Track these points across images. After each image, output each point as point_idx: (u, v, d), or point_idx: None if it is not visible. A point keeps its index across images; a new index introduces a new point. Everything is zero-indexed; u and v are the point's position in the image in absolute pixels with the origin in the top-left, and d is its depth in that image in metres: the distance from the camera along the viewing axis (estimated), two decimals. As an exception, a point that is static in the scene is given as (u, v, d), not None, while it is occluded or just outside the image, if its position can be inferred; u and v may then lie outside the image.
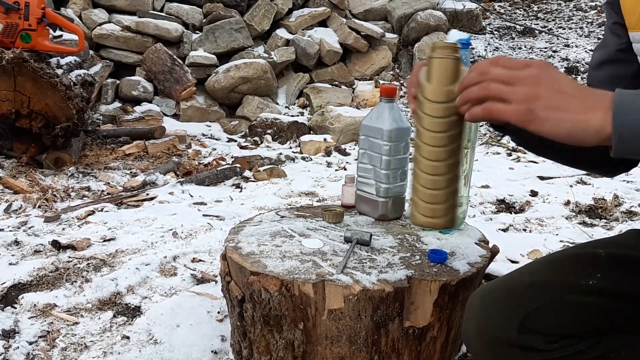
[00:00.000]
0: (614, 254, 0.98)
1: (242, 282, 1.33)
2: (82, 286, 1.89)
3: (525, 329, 0.90)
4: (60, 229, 2.46)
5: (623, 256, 0.98)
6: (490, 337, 0.93)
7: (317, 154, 4.40)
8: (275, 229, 1.53)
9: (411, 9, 6.40)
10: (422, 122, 0.93)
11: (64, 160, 3.48)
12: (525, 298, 0.92)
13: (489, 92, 0.79)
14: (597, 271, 0.94)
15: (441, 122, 0.91)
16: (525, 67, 0.78)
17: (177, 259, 2.12)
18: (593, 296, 0.92)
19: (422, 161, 0.94)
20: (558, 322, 0.91)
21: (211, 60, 5.38)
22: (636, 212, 2.75)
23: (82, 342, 1.58)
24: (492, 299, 0.95)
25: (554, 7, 7.60)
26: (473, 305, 0.98)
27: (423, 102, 0.93)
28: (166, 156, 4.00)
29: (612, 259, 0.97)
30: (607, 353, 0.92)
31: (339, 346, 1.27)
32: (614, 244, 1.03)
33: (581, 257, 0.99)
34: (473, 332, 0.96)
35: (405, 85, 5.90)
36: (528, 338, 0.90)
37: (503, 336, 0.91)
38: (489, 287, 0.99)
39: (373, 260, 1.33)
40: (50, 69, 3.37)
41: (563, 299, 0.92)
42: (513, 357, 0.92)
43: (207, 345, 1.56)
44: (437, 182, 0.92)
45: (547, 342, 0.90)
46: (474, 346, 0.97)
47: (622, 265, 0.96)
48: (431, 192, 0.92)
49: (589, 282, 0.93)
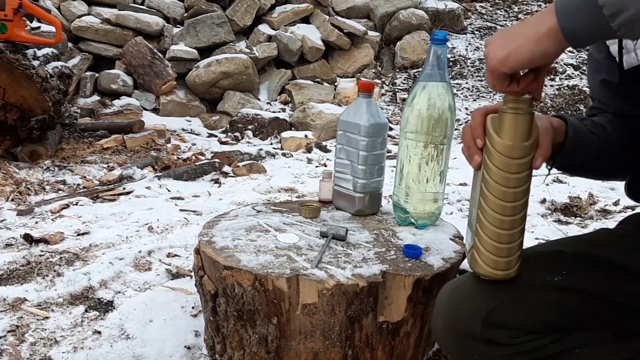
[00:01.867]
0: (579, 252, 1.00)
1: (215, 276, 1.32)
2: (53, 280, 1.86)
3: (489, 323, 0.92)
4: (33, 222, 2.42)
5: (588, 254, 0.99)
6: (456, 331, 0.95)
7: (298, 150, 4.39)
8: (250, 224, 1.52)
9: (393, 7, 6.41)
10: (492, 175, 0.89)
11: (40, 153, 3.42)
12: (491, 294, 0.94)
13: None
14: (563, 269, 0.96)
15: (514, 177, 0.89)
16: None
17: (152, 254, 2.10)
18: (558, 293, 0.94)
19: (489, 213, 0.90)
20: (522, 318, 0.93)
21: (192, 55, 5.33)
22: (610, 211, 2.79)
23: (52, 336, 1.55)
24: (459, 294, 0.97)
25: (534, 8, 7.67)
26: (441, 300, 1.00)
27: (493, 155, 0.89)
28: (145, 151, 3.96)
29: (578, 257, 0.99)
30: (571, 349, 0.94)
31: (313, 341, 1.26)
32: (581, 243, 1.05)
33: (547, 254, 1.01)
34: (440, 326, 0.98)
35: (385, 84, 5.91)
36: (492, 332, 0.92)
37: (468, 330, 0.93)
38: (456, 283, 1.01)
39: (348, 255, 1.33)
40: (26, 60, 3.31)
41: (528, 295, 0.94)
42: (478, 350, 0.94)
43: (180, 340, 1.54)
44: (502, 236, 0.89)
45: (511, 337, 0.92)
46: (441, 339, 0.99)
47: (587, 263, 0.98)
48: (495, 244, 0.89)
49: (554, 279, 0.95)
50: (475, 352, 0.94)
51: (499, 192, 0.89)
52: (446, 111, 1.40)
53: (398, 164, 1.49)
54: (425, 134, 1.41)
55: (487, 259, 0.90)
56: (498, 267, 0.90)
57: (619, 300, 0.95)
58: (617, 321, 0.96)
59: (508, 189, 0.89)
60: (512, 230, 0.89)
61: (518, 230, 0.90)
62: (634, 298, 0.95)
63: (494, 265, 0.90)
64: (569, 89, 5.71)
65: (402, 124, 1.46)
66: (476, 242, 0.92)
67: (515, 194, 0.89)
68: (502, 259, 0.90)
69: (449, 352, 1.00)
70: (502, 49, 0.81)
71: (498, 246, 0.89)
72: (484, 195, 0.91)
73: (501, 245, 0.89)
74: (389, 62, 6.28)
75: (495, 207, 0.90)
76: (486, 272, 0.91)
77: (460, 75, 6.04)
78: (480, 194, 0.91)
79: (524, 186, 0.90)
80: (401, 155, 1.48)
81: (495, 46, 0.82)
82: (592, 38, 0.75)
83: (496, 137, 0.89)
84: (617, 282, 0.95)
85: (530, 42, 0.78)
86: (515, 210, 0.90)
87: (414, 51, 6.15)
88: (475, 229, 0.92)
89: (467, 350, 0.95)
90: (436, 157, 1.43)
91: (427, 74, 1.40)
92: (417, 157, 1.44)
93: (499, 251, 0.89)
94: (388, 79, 6.04)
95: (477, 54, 6.40)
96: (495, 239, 0.89)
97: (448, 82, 1.42)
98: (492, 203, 0.90)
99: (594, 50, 1.13)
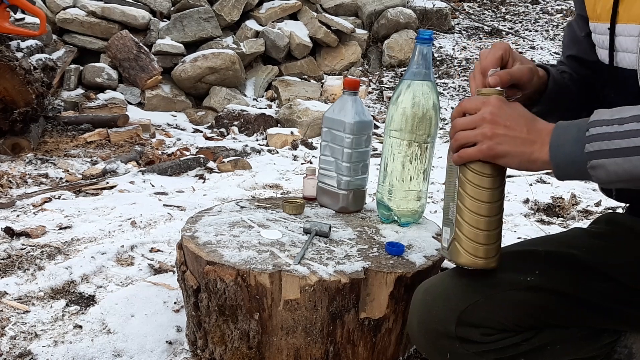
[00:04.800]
0: (552, 252, 1.02)
1: (197, 271, 1.31)
2: (34, 274, 1.84)
3: (463, 322, 0.94)
4: (15, 215, 2.39)
5: (561, 254, 1.02)
6: (430, 330, 0.97)
7: (284, 147, 4.38)
8: (234, 219, 1.52)
9: (382, 5, 6.42)
10: (465, 188, 0.92)
11: (22, 146, 3.38)
12: (464, 293, 0.96)
13: (459, 141, 0.91)
14: (535, 268, 0.98)
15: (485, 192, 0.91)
16: (483, 106, 0.88)
17: (135, 249, 2.09)
18: (530, 292, 0.96)
19: (467, 201, 0.92)
20: (495, 317, 0.94)
21: (178, 49, 5.29)
22: (592, 212, 2.82)
23: (33, 330, 1.54)
24: (433, 293, 0.99)
25: (522, 9, 7.72)
26: (416, 299, 1.02)
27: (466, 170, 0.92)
28: (129, 145, 3.92)
29: (551, 257, 1.01)
30: (542, 346, 0.97)
31: (295, 337, 1.26)
32: (555, 242, 1.07)
33: (521, 254, 1.03)
34: (415, 325, 1.00)
35: (373, 82, 5.92)
36: (465, 331, 0.94)
37: (442, 330, 0.95)
38: (431, 282, 1.03)
39: (331, 252, 1.33)
40: (9, 52, 3.27)
41: (501, 295, 0.95)
42: (452, 348, 0.95)
43: (162, 335, 1.53)
44: (481, 222, 0.92)
45: (484, 335, 0.94)
46: (416, 338, 1.01)
47: (559, 263, 1.00)
48: (475, 231, 0.91)
49: (526, 279, 0.96)
50: (448, 351, 0.96)
51: (474, 192, 0.92)
52: (430, 110, 1.41)
53: (382, 162, 1.50)
54: (409, 132, 1.42)
55: (468, 247, 0.92)
56: (479, 255, 0.91)
57: (589, 299, 0.97)
58: (587, 319, 0.99)
59: (482, 203, 0.91)
60: (491, 218, 0.91)
61: (496, 219, 0.92)
62: (603, 297, 0.98)
63: (475, 253, 0.92)
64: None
65: (387, 122, 1.46)
66: (457, 232, 0.93)
67: (492, 193, 0.91)
68: (483, 246, 0.91)
69: (424, 350, 1.01)
70: (503, 145, 0.86)
71: (478, 233, 0.91)
72: (462, 186, 0.93)
73: (481, 232, 0.91)
74: (376, 60, 6.29)
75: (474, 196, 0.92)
76: (468, 260, 0.92)
77: (447, 75, 6.07)
78: (459, 185, 0.93)
79: (501, 187, 0.92)
80: (385, 153, 1.48)
81: (501, 137, 0.87)
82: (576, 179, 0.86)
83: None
84: (587, 281, 0.98)
85: (524, 161, 0.86)
86: (493, 197, 0.92)
87: (401, 50, 6.16)
88: (455, 219, 0.94)
89: (441, 348, 0.96)
90: (420, 155, 1.44)
91: (412, 73, 1.41)
92: (401, 155, 1.44)
93: (478, 237, 0.91)
94: (375, 77, 6.05)
95: (464, 54, 6.44)
96: (475, 225, 0.91)
97: (433, 81, 1.42)
98: (470, 192, 0.92)
99: (577, 26, 1.17)
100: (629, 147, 0.77)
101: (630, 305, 0.98)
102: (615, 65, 1.01)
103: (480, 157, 0.88)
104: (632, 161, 0.77)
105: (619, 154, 0.78)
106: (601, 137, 0.80)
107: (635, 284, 0.98)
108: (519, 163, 0.86)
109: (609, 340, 1.02)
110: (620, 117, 0.80)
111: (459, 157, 0.91)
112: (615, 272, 0.99)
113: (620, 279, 0.98)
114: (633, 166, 0.77)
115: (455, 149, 0.92)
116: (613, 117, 0.80)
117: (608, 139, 0.79)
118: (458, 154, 0.91)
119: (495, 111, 0.87)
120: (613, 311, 0.99)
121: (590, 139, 0.80)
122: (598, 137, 0.80)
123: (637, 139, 0.77)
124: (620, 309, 0.98)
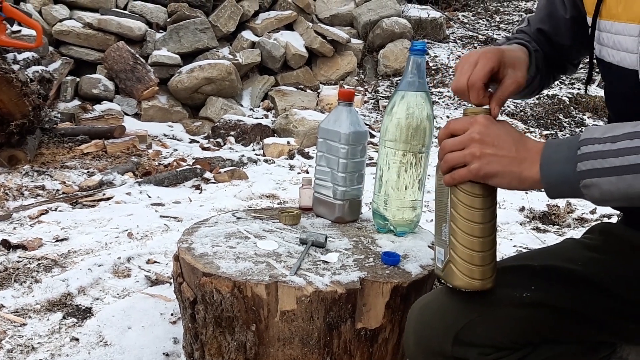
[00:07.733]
0: (548, 267, 1.01)
1: (194, 283, 1.32)
2: (31, 287, 1.84)
3: (459, 341, 0.93)
4: (11, 228, 2.39)
5: (557, 269, 1.01)
6: (427, 348, 0.96)
7: (280, 156, 4.39)
8: (230, 230, 1.52)
9: (377, 15, 6.46)
10: (457, 210, 0.92)
11: (19, 158, 3.38)
12: (460, 311, 0.95)
13: (449, 163, 0.90)
14: (531, 284, 0.97)
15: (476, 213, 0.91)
16: (470, 126, 0.88)
17: (132, 260, 2.09)
18: (526, 309, 0.95)
19: (460, 222, 0.92)
20: (492, 335, 0.93)
21: (175, 60, 5.31)
22: (587, 219, 2.83)
23: (30, 343, 1.54)
24: (429, 311, 0.98)
25: (515, 18, 7.78)
26: (412, 316, 1.01)
27: (457, 191, 0.92)
28: (125, 156, 3.93)
29: (546, 272, 1.00)
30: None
31: (292, 348, 1.26)
32: (549, 256, 1.06)
33: (516, 269, 1.02)
34: (412, 343, 0.99)
35: (368, 91, 5.95)
36: (462, 350, 0.93)
37: (438, 349, 0.94)
38: (427, 299, 1.02)
39: (327, 262, 1.33)
40: (6, 64, 3.27)
41: (497, 312, 0.94)
42: None
43: (158, 347, 1.53)
44: (475, 244, 0.91)
45: (481, 354, 0.93)
46: (412, 356, 1.00)
47: (554, 277, 0.99)
48: (470, 252, 0.91)
49: (522, 295, 0.95)
50: None
51: (466, 213, 0.91)
52: (424, 120, 1.42)
53: (377, 172, 1.51)
54: (404, 142, 1.43)
55: (464, 269, 0.91)
56: (475, 277, 0.91)
57: (585, 313, 0.96)
58: (584, 333, 0.98)
59: (474, 224, 0.91)
60: (485, 239, 0.91)
61: (490, 239, 0.92)
62: (599, 310, 0.97)
63: (471, 275, 0.91)
64: (548, 99, 5.80)
65: (382, 132, 1.47)
66: (452, 254, 0.93)
67: (484, 214, 0.91)
68: (478, 267, 0.91)
69: None
70: (492, 165, 0.86)
71: (473, 255, 0.90)
72: (455, 207, 0.92)
73: (476, 254, 0.90)
74: (372, 69, 6.32)
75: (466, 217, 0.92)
76: (464, 283, 0.91)
77: (442, 84, 6.10)
78: (451, 206, 0.93)
79: (492, 207, 0.92)
80: (380, 163, 1.49)
81: (490, 157, 0.86)
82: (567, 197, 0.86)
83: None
84: (583, 295, 0.97)
85: (514, 180, 0.86)
86: (484, 218, 0.91)
87: (397, 59, 6.20)
88: (449, 241, 0.93)
89: None
90: (415, 164, 1.45)
91: (406, 83, 1.42)
92: (396, 164, 1.45)
93: (474, 259, 0.91)
94: (371, 86, 6.07)
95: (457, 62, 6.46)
96: (470, 246, 0.91)
97: (427, 91, 1.43)
98: (462, 213, 0.92)
99: (560, 5, 1.13)
100: (622, 165, 0.76)
101: (627, 318, 0.97)
102: None
103: (471, 178, 0.88)
104: (627, 180, 0.76)
105: (613, 173, 0.77)
106: (594, 156, 0.79)
107: (630, 297, 0.97)
108: (509, 182, 0.86)
109: (605, 353, 1.01)
110: (613, 134, 0.79)
111: (451, 178, 0.90)
112: (611, 285, 0.98)
113: (615, 291, 0.97)
114: (627, 185, 0.76)
115: (446, 170, 0.91)
116: (605, 134, 0.79)
117: (601, 157, 0.78)
118: (449, 175, 0.91)
119: (484, 130, 0.87)
120: (609, 324, 0.98)
121: (583, 157, 0.79)
122: (590, 155, 0.79)
123: (631, 156, 0.76)
124: (616, 322, 0.98)
